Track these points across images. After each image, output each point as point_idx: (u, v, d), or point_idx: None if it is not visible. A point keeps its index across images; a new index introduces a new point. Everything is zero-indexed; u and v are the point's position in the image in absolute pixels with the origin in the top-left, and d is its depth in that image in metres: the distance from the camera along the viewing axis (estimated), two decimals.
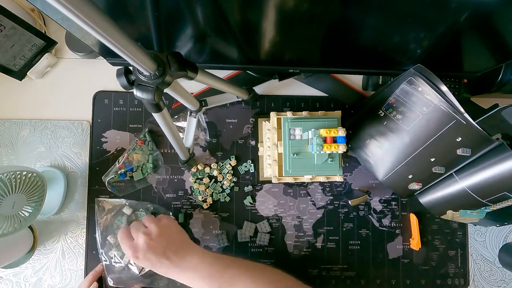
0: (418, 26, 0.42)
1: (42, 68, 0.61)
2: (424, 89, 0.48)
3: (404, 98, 0.51)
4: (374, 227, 0.64)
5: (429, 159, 0.53)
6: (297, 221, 0.63)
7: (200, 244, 0.61)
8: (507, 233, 0.66)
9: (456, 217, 0.60)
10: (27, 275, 0.60)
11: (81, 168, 0.62)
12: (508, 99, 0.66)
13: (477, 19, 0.40)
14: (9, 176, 0.47)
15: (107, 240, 0.59)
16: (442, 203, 0.58)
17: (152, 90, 0.35)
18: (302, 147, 0.51)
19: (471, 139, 0.48)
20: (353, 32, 0.44)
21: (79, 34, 0.43)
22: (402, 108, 0.52)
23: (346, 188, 0.64)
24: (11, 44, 0.54)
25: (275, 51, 0.49)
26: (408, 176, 0.56)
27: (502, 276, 0.65)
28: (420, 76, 0.48)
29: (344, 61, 0.54)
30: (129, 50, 0.28)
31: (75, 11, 0.21)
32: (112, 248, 0.59)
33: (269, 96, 0.65)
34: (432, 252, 0.64)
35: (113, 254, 0.59)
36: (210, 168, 0.63)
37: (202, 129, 0.63)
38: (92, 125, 0.62)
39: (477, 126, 0.46)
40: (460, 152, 0.50)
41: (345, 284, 0.63)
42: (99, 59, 0.64)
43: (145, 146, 0.61)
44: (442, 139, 0.50)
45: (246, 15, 0.40)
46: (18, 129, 0.62)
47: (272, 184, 0.63)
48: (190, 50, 0.49)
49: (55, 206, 0.59)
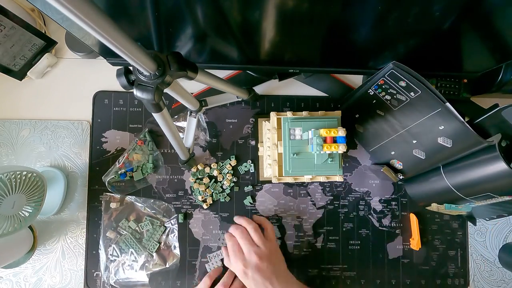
0: (418, 26, 0.42)
1: (42, 68, 0.61)
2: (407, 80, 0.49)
3: (393, 82, 0.51)
4: (374, 227, 0.64)
5: (411, 141, 0.54)
6: (297, 221, 0.63)
7: (200, 244, 0.61)
8: (507, 233, 0.66)
9: (441, 209, 0.61)
10: (27, 275, 0.60)
11: (81, 168, 0.62)
12: (508, 99, 0.66)
13: (477, 18, 0.40)
14: (9, 176, 0.47)
15: (107, 236, 0.60)
16: (426, 195, 0.60)
17: (152, 90, 0.35)
18: (302, 147, 0.51)
19: (453, 130, 0.48)
20: (353, 32, 0.44)
21: (79, 34, 0.43)
22: (390, 90, 0.52)
23: (346, 188, 0.64)
24: (11, 44, 0.54)
25: (275, 51, 0.49)
26: (391, 152, 0.59)
27: (502, 276, 0.65)
28: (402, 69, 0.48)
29: (344, 61, 0.54)
30: (129, 50, 0.28)
31: (75, 11, 0.21)
32: (111, 244, 0.59)
33: (269, 96, 0.65)
34: (432, 252, 0.64)
35: (112, 249, 0.59)
36: (210, 168, 0.63)
37: (202, 129, 0.63)
38: (92, 125, 0.62)
39: (458, 114, 0.47)
40: (441, 141, 0.51)
41: (345, 284, 0.63)
42: (99, 59, 0.64)
43: (145, 146, 0.61)
44: (426, 125, 0.51)
45: (246, 15, 0.40)
46: (18, 129, 0.62)
47: (272, 184, 0.63)
48: (190, 50, 0.49)
49: (55, 206, 0.59)
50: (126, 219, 0.60)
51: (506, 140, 0.49)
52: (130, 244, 0.59)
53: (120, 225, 0.60)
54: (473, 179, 0.51)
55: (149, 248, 0.60)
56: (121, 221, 0.60)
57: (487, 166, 0.48)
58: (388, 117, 0.55)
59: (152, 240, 0.60)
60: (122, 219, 0.60)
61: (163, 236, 0.61)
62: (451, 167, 0.54)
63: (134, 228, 0.60)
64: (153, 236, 0.60)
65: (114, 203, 0.60)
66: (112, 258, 0.59)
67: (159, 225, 0.61)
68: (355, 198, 0.64)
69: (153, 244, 0.60)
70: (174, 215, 0.61)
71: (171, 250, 0.61)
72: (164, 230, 0.61)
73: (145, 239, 0.60)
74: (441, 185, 0.56)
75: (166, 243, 0.61)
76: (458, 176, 0.53)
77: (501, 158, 0.46)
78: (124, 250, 0.59)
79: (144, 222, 0.60)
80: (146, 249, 0.60)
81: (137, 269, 0.59)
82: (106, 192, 0.61)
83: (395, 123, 0.55)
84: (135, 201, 0.61)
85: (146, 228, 0.60)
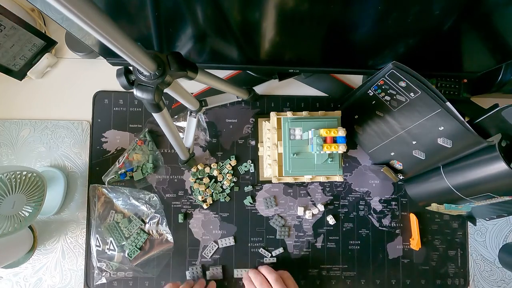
0: (418, 26, 0.42)
1: (42, 68, 0.61)
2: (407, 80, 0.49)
3: (393, 82, 0.51)
4: (374, 227, 0.64)
5: (411, 141, 0.54)
6: (297, 221, 0.63)
7: (200, 244, 0.61)
8: (507, 233, 0.66)
9: (441, 209, 0.61)
10: (27, 275, 0.60)
11: (81, 168, 0.62)
12: (508, 99, 0.66)
13: (477, 18, 0.40)
14: (9, 176, 0.47)
15: (100, 228, 0.60)
16: (426, 195, 0.60)
17: (152, 90, 0.35)
18: (302, 147, 0.51)
19: (453, 130, 0.48)
20: (353, 32, 0.44)
21: (79, 34, 0.43)
22: (390, 91, 0.52)
23: (346, 188, 0.64)
24: (11, 44, 0.54)
25: (275, 51, 0.49)
26: (390, 153, 0.58)
27: (502, 276, 0.65)
28: (402, 69, 0.48)
29: (344, 61, 0.54)
30: (129, 50, 0.28)
31: (75, 11, 0.21)
32: (106, 236, 0.60)
33: (269, 96, 0.65)
34: (432, 252, 0.64)
35: (109, 240, 0.60)
36: (210, 168, 0.63)
37: (202, 129, 0.63)
38: (92, 125, 0.62)
39: (458, 114, 0.47)
40: (440, 142, 0.51)
41: (345, 284, 0.63)
42: (99, 59, 0.64)
43: (145, 146, 0.61)
44: (425, 125, 0.51)
45: (246, 15, 0.40)
46: (18, 129, 0.62)
47: (272, 184, 0.63)
48: (190, 50, 0.49)
49: (55, 206, 0.59)
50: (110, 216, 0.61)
51: (506, 140, 0.49)
52: (118, 240, 0.60)
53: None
54: (473, 179, 0.51)
55: (129, 253, 0.60)
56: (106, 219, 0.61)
57: (487, 166, 0.48)
58: (388, 118, 0.55)
59: (133, 246, 0.60)
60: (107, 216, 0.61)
61: (154, 227, 0.61)
62: (451, 167, 0.54)
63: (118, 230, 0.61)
64: (135, 241, 0.60)
65: (104, 194, 0.61)
66: (106, 250, 0.60)
67: (140, 229, 0.61)
68: (355, 198, 0.64)
69: (134, 250, 0.60)
70: (158, 204, 0.61)
71: (164, 239, 0.61)
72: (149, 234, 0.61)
73: (128, 242, 0.60)
74: (441, 185, 0.56)
75: (158, 231, 0.61)
76: (458, 176, 0.53)
77: (501, 158, 0.46)
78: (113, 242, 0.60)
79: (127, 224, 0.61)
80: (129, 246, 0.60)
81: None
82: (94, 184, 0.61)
83: (394, 124, 0.55)
84: (129, 194, 0.61)
85: (127, 232, 0.60)
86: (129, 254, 0.60)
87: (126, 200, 0.61)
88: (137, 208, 0.61)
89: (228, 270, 0.61)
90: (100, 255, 0.60)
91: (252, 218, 0.63)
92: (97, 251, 0.60)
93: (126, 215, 0.61)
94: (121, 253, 0.60)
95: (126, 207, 0.61)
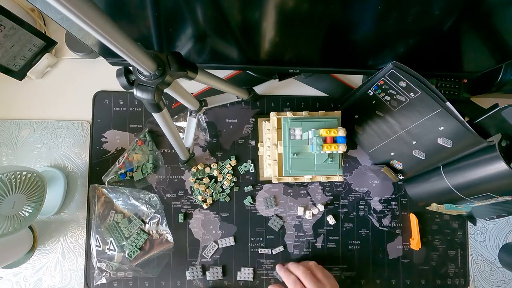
0: (418, 26, 0.42)
1: (42, 68, 0.61)
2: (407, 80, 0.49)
3: (393, 82, 0.51)
4: (374, 227, 0.64)
5: (411, 141, 0.54)
6: (297, 221, 0.63)
7: (200, 244, 0.61)
8: (507, 233, 0.66)
9: (441, 209, 0.61)
10: (27, 275, 0.60)
11: (81, 168, 0.62)
12: (508, 99, 0.66)
13: (477, 18, 0.40)
14: (9, 176, 0.47)
15: (100, 228, 0.60)
16: (427, 196, 0.60)
17: (152, 90, 0.35)
18: (302, 147, 0.51)
19: (453, 130, 0.48)
20: (353, 32, 0.44)
21: (79, 34, 0.43)
22: (390, 91, 0.52)
23: (346, 188, 0.64)
24: (11, 44, 0.54)
25: (275, 51, 0.49)
26: (390, 153, 0.58)
27: (502, 276, 0.65)
28: (402, 69, 0.48)
29: (344, 61, 0.54)
30: (129, 50, 0.28)
31: (75, 11, 0.21)
32: (106, 236, 0.60)
33: (269, 96, 0.65)
34: (432, 252, 0.64)
35: (109, 240, 0.60)
36: (210, 168, 0.63)
37: (202, 129, 0.63)
38: (92, 125, 0.62)
39: (458, 114, 0.47)
40: (440, 142, 0.51)
41: (345, 284, 0.63)
42: (99, 59, 0.64)
43: (145, 146, 0.61)
44: (425, 125, 0.51)
45: (246, 15, 0.40)
46: (18, 129, 0.62)
47: (272, 184, 0.63)
48: (190, 50, 0.49)
49: (55, 206, 0.59)
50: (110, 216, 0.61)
51: (506, 140, 0.49)
52: (118, 239, 0.60)
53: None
54: (473, 179, 0.51)
55: (129, 253, 0.60)
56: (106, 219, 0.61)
57: (487, 166, 0.48)
58: (388, 118, 0.55)
59: (133, 246, 0.60)
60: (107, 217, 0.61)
61: (153, 226, 0.61)
62: (451, 167, 0.54)
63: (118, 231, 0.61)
64: (135, 241, 0.60)
65: (104, 194, 0.61)
66: (106, 250, 0.60)
67: (140, 229, 0.60)
68: (355, 198, 0.64)
69: (134, 250, 0.60)
70: (158, 204, 0.61)
71: (164, 238, 0.61)
72: (148, 234, 0.61)
73: (128, 242, 0.60)
74: (441, 185, 0.56)
75: (158, 231, 0.61)
76: (458, 176, 0.53)
77: (501, 158, 0.46)
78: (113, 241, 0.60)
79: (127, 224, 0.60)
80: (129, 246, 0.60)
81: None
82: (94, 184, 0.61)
83: (394, 124, 0.55)
84: (129, 194, 0.61)
85: (127, 232, 0.60)
86: (129, 254, 0.60)
87: (126, 200, 0.61)
88: (137, 208, 0.61)
89: (228, 270, 0.61)
90: (100, 255, 0.60)
91: (252, 218, 0.63)
92: (97, 251, 0.60)
93: (126, 215, 0.61)
94: (121, 253, 0.60)
95: (126, 207, 0.61)
